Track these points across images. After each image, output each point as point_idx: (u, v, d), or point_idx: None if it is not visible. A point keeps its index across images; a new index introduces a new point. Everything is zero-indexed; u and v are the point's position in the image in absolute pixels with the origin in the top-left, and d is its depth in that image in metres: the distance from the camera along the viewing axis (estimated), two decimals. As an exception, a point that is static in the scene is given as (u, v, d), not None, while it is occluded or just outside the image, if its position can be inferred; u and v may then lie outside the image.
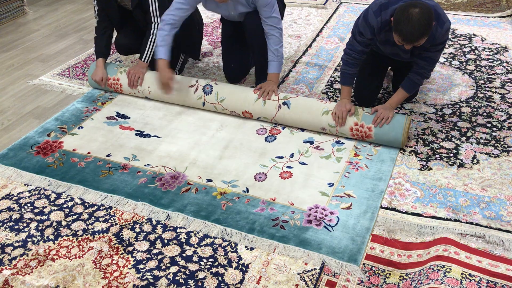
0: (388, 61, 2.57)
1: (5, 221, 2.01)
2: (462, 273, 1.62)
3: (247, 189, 2.12)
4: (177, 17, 2.54)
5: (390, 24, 2.14)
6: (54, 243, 1.89)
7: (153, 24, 2.70)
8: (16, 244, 1.89)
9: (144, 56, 2.72)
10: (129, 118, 2.67)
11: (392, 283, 1.67)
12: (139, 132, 2.55)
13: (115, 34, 2.94)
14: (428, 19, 1.97)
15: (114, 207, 2.05)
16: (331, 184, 2.13)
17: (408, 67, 2.45)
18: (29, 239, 1.91)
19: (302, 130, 2.49)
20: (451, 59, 3.15)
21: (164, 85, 2.57)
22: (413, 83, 2.34)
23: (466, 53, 3.22)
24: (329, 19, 3.82)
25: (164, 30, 2.55)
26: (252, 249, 1.83)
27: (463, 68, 3.03)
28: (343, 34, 3.55)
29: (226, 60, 2.91)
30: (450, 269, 1.63)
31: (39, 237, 1.92)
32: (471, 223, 1.89)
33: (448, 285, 1.56)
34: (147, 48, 2.71)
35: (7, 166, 2.32)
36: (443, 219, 1.92)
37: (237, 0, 2.53)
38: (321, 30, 3.63)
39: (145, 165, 2.30)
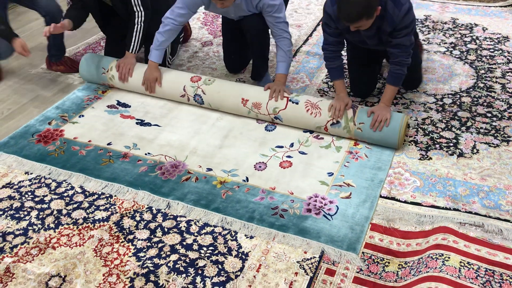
0: (373, 51, 2.51)
1: (6, 209, 2.01)
2: (460, 262, 1.63)
3: (247, 178, 2.13)
4: (177, 22, 2.49)
5: None
6: (54, 232, 1.90)
7: (136, 13, 2.63)
8: (17, 232, 1.90)
9: (131, 47, 2.67)
10: (129, 106, 2.67)
11: (391, 271, 1.68)
12: (139, 121, 2.55)
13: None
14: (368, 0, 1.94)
15: (115, 196, 2.06)
16: (330, 174, 2.14)
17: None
18: (30, 228, 1.92)
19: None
20: (451, 49, 3.13)
21: (148, 84, 2.60)
22: (396, 75, 2.27)
23: (467, 42, 3.20)
24: (330, 8, 3.80)
25: (163, 35, 2.52)
26: (252, 237, 1.84)
27: (464, 58, 3.02)
28: (344, 24, 3.54)
29: (227, 52, 2.89)
30: (449, 257, 1.64)
31: (39, 226, 1.93)
32: (470, 212, 1.90)
33: (447, 273, 1.57)
34: (133, 39, 2.66)
35: (8, 154, 2.32)
36: (443, 208, 1.93)
37: (239, 7, 2.46)
38: (321, 20, 3.62)
39: (145, 154, 2.30)
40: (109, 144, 2.38)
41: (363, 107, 2.31)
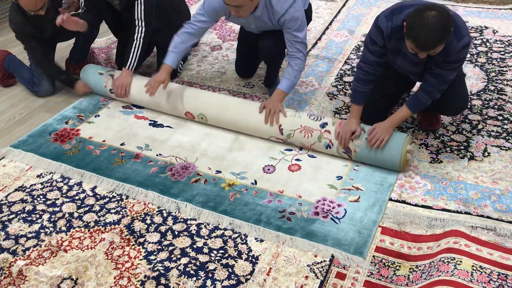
0: (400, 83, 2.35)
1: (19, 212, 2.04)
2: (472, 266, 1.61)
3: (255, 181, 2.13)
4: (197, 27, 2.41)
5: (402, 31, 1.90)
6: (66, 234, 1.92)
7: (136, 28, 2.56)
8: (30, 235, 1.92)
9: (128, 64, 2.58)
10: (143, 107, 2.69)
11: (402, 275, 1.67)
12: (152, 122, 2.57)
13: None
14: (445, 23, 1.77)
15: (125, 199, 2.08)
16: (339, 177, 2.13)
17: None
18: (42, 230, 1.94)
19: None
20: (462, 52, 3.12)
21: (151, 84, 2.42)
22: (419, 102, 2.08)
23: (477, 45, 3.19)
24: (339, 12, 3.80)
25: (180, 37, 2.43)
26: (262, 241, 1.84)
27: (474, 61, 3.00)
28: (353, 27, 3.53)
29: (240, 61, 2.87)
30: (461, 261, 1.62)
31: (51, 229, 1.95)
32: (482, 215, 1.88)
33: (459, 277, 1.56)
34: (131, 55, 2.58)
35: (26, 152, 2.37)
36: (454, 211, 1.91)
37: (259, 18, 2.32)
38: (330, 23, 3.62)
39: (157, 155, 2.32)
40: (122, 144, 2.41)
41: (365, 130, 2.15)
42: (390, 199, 1.99)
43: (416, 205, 1.96)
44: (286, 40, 2.34)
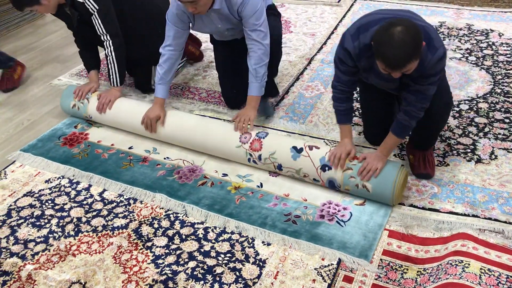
0: (388, 99, 2.16)
1: (27, 217, 2.05)
2: (481, 268, 1.61)
3: (261, 184, 2.14)
4: (172, 46, 2.31)
5: (372, 49, 1.76)
6: (74, 239, 1.93)
7: (105, 43, 2.49)
8: (38, 240, 1.94)
9: (111, 81, 2.53)
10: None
11: (409, 278, 1.67)
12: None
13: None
14: (414, 38, 1.62)
15: (133, 204, 2.09)
16: (347, 180, 2.13)
17: None
18: (51, 235, 1.96)
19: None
20: (467, 55, 3.11)
21: (148, 122, 2.33)
22: (401, 126, 1.90)
23: (483, 48, 3.18)
24: (344, 16, 3.81)
25: (162, 67, 2.33)
26: (269, 244, 1.84)
27: (480, 64, 3.00)
28: (358, 31, 3.54)
29: (225, 85, 2.63)
30: (469, 264, 1.62)
31: (60, 233, 1.96)
32: (489, 218, 1.87)
33: (467, 280, 1.56)
34: (110, 72, 2.52)
35: (36, 156, 2.41)
36: (461, 214, 1.91)
37: (220, 12, 2.21)
38: (335, 28, 3.63)
39: (164, 158, 2.34)
40: (130, 148, 2.43)
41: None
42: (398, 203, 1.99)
43: (423, 208, 1.96)
44: (245, 34, 2.21)
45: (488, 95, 2.68)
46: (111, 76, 2.53)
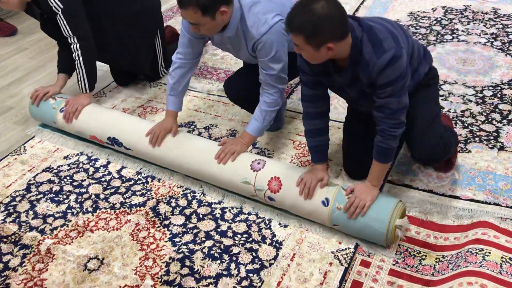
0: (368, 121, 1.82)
1: (46, 192, 2.07)
2: (502, 257, 1.58)
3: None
4: (183, 54, 2.03)
5: None
6: (93, 215, 1.95)
7: (72, 46, 2.25)
8: (57, 215, 1.96)
9: (80, 87, 2.32)
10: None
11: (428, 264, 1.65)
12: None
13: None
14: (319, 9, 1.42)
15: (151, 182, 2.09)
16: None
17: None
18: (69, 211, 1.97)
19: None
20: (492, 40, 3.03)
21: (155, 134, 2.05)
22: (380, 149, 1.68)
23: (509, 33, 3.09)
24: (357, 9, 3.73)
25: (173, 77, 2.06)
26: (286, 226, 1.84)
27: (506, 49, 2.92)
28: (380, 14, 3.46)
29: (231, 81, 2.30)
30: (490, 252, 1.59)
31: (78, 209, 1.98)
32: (511, 207, 1.84)
33: (487, 269, 1.53)
34: (78, 77, 2.31)
35: (54, 132, 2.43)
36: (482, 202, 1.87)
37: (238, 43, 1.94)
38: (357, 9, 3.56)
39: None
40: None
41: (344, 186, 1.77)
42: (417, 189, 1.96)
43: (443, 194, 1.93)
44: (260, 74, 1.94)
45: (513, 82, 2.61)
46: (79, 82, 2.31)
